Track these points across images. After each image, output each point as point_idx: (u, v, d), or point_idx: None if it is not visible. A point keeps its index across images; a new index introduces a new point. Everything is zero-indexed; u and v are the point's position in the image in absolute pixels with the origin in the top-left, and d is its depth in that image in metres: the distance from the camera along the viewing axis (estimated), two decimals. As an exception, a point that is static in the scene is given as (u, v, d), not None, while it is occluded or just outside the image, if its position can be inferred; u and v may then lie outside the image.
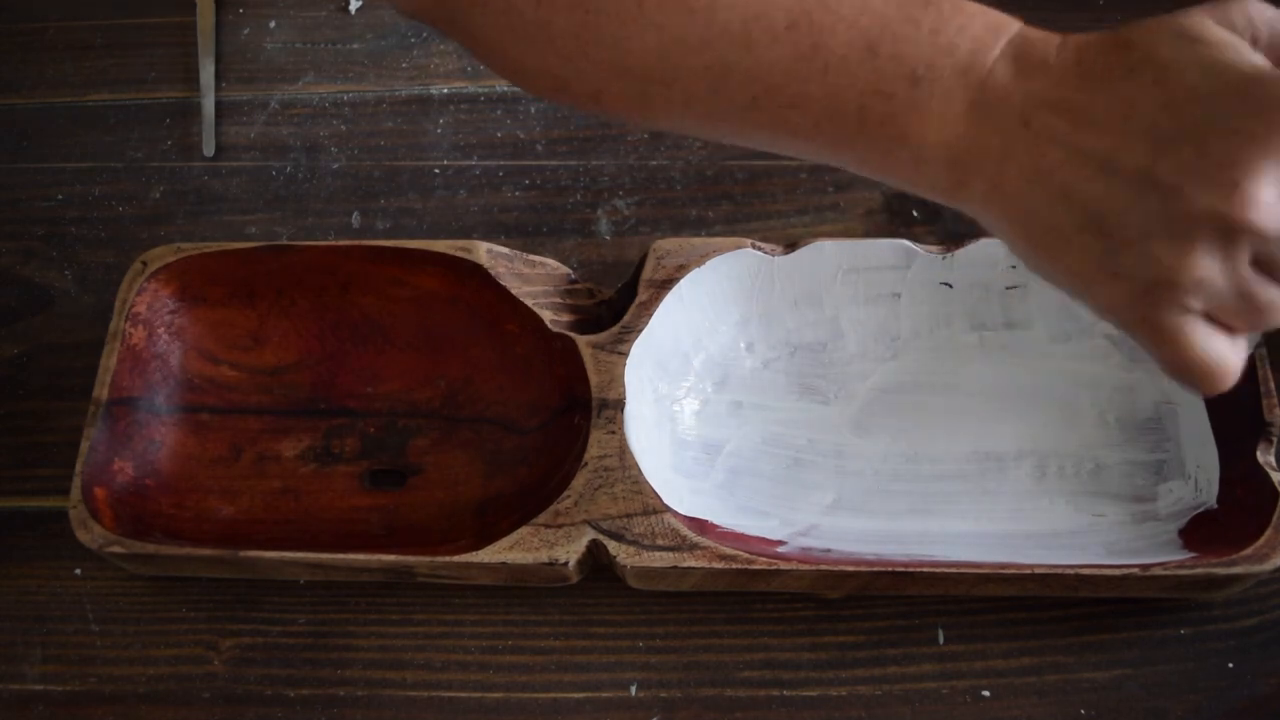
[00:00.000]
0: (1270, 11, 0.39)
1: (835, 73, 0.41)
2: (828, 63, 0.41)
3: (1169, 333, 0.39)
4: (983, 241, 0.59)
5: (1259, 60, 0.38)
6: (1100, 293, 0.40)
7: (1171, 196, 0.37)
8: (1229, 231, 0.37)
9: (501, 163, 0.71)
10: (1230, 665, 0.55)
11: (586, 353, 0.58)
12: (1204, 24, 0.38)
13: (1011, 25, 0.42)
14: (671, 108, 0.45)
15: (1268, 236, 0.37)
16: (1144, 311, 0.39)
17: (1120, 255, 0.38)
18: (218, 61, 0.76)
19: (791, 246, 0.60)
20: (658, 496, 0.55)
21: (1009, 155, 0.40)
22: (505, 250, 0.61)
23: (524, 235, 0.68)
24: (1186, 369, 0.40)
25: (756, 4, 0.42)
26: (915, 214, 0.67)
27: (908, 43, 0.41)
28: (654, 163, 0.70)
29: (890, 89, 0.41)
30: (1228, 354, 0.40)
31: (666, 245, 0.60)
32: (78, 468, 0.58)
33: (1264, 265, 0.38)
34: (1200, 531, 0.55)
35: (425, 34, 0.76)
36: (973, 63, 0.40)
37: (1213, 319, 0.40)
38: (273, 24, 0.77)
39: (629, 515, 0.55)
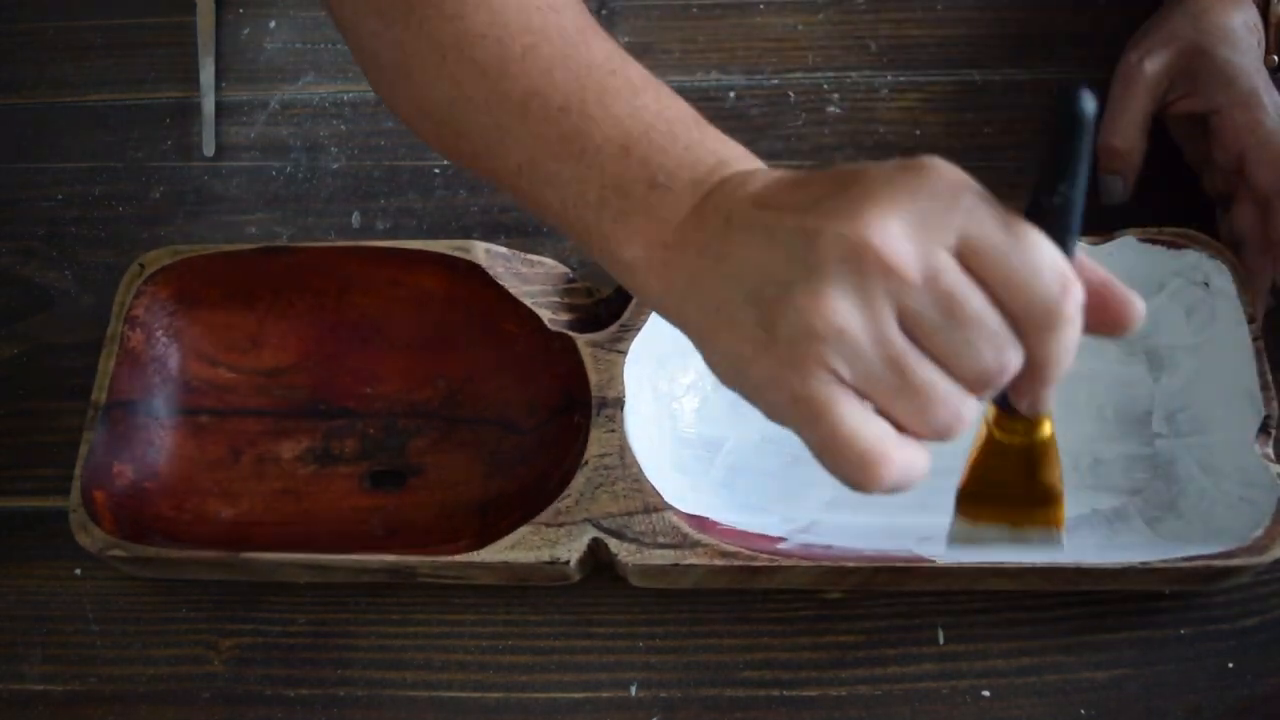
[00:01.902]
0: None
1: (588, 161, 0.43)
2: (584, 149, 0.43)
3: (816, 406, 0.37)
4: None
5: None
6: (755, 372, 0.38)
7: (813, 238, 0.36)
8: (858, 263, 0.35)
9: (501, 162, 0.71)
10: (1230, 665, 0.55)
11: (586, 351, 0.58)
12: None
13: (758, 163, 0.43)
14: (463, 158, 0.48)
15: (903, 279, 0.35)
16: (792, 383, 0.37)
17: (769, 317, 0.37)
18: (218, 61, 0.76)
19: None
20: (658, 494, 0.55)
21: (705, 249, 0.40)
22: (503, 250, 0.61)
23: (524, 235, 0.68)
24: (835, 451, 0.37)
25: (540, 81, 0.44)
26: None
27: (660, 152, 0.42)
28: (654, 162, 0.70)
29: (629, 189, 0.42)
30: (886, 443, 0.37)
31: (666, 244, 0.60)
32: (77, 471, 0.58)
33: (913, 329, 0.37)
34: (1199, 524, 0.55)
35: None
36: (707, 178, 0.41)
37: (872, 401, 0.37)
38: (273, 24, 0.77)
39: (630, 513, 0.55)
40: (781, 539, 0.57)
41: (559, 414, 0.60)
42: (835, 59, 0.73)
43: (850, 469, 0.37)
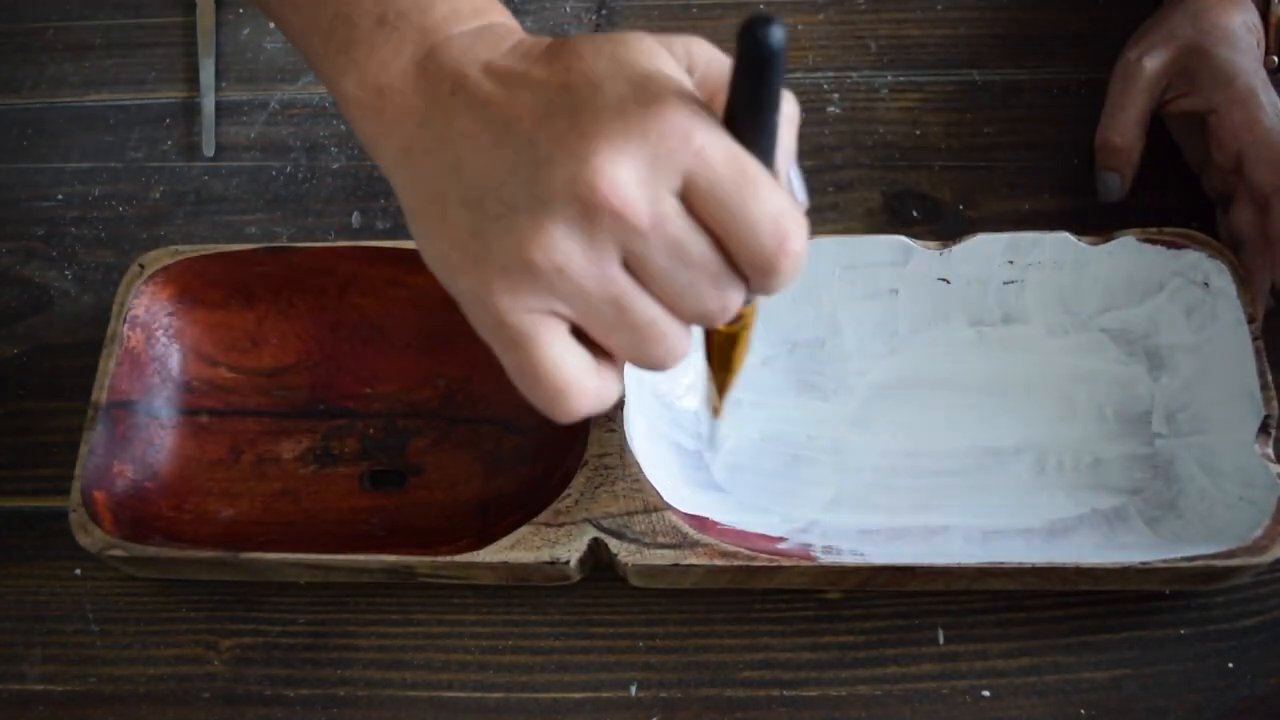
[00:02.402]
0: (710, 50, 0.39)
1: None
2: None
3: (520, 335, 0.37)
4: (980, 237, 0.60)
5: (671, 69, 0.37)
6: (463, 280, 0.37)
7: (543, 166, 0.35)
8: (586, 206, 0.35)
9: (501, 162, 0.71)
10: (1230, 665, 0.55)
11: (586, 352, 0.58)
12: (639, 35, 0.37)
13: (499, 16, 0.41)
14: None
15: (631, 226, 0.35)
16: (500, 305, 0.36)
17: (485, 232, 0.36)
18: (218, 61, 0.76)
19: (790, 245, 0.60)
20: (658, 494, 0.55)
21: (426, 119, 0.38)
22: (504, 250, 0.61)
23: (523, 235, 0.68)
24: (532, 379, 0.37)
25: None
26: (915, 213, 0.67)
27: None
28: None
29: (359, 21, 0.40)
30: (583, 376, 0.37)
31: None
32: (77, 471, 0.58)
33: (638, 270, 0.36)
34: (1199, 524, 0.55)
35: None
36: (438, 27, 0.40)
37: (584, 337, 0.38)
38: (273, 24, 0.77)
39: (630, 513, 0.55)
40: (781, 539, 0.57)
41: (559, 414, 0.60)
42: (835, 59, 0.73)
43: (545, 399, 0.38)
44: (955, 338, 0.61)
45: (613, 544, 0.54)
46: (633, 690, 0.56)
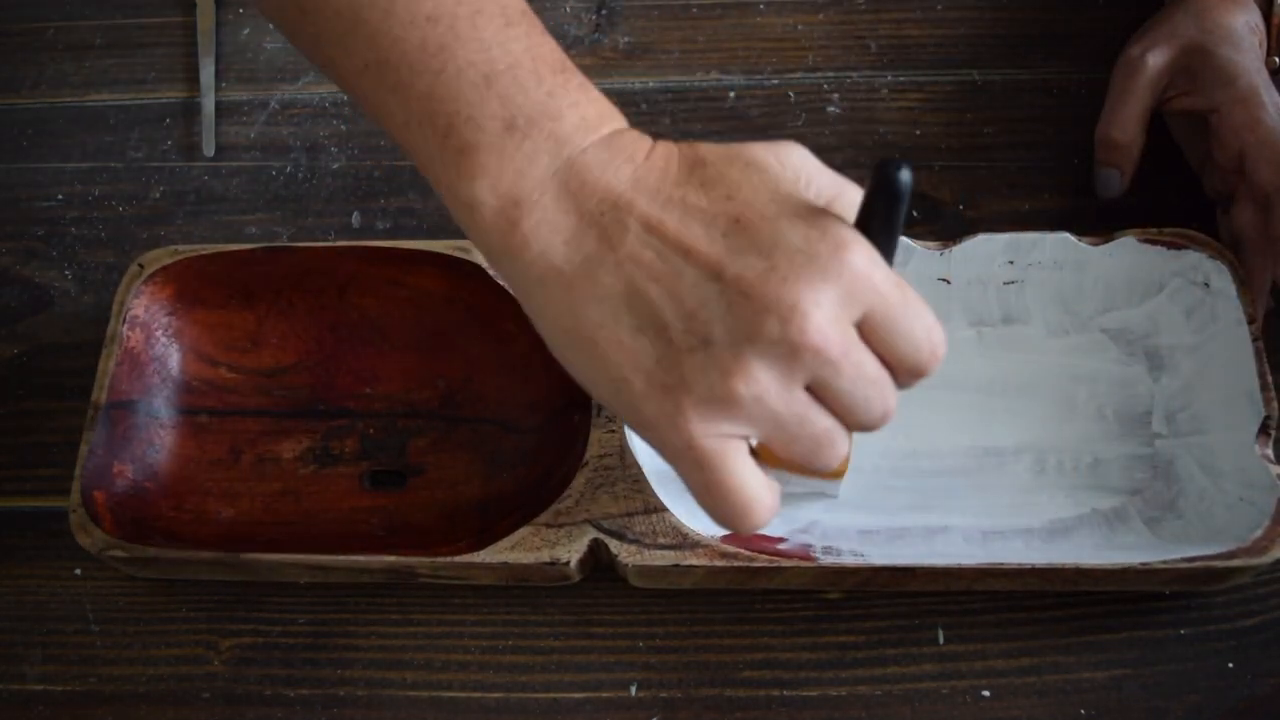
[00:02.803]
0: (810, 161, 0.41)
1: (445, 81, 0.41)
2: (445, 68, 0.41)
3: (712, 459, 0.38)
4: (980, 237, 0.60)
5: (813, 196, 0.40)
6: (645, 406, 0.39)
7: (739, 304, 0.37)
8: (793, 347, 0.37)
9: (501, 162, 0.71)
10: (1230, 665, 0.55)
11: (586, 352, 0.58)
12: (766, 158, 0.39)
13: (618, 121, 0.42)
14: (303, 37, 0.44)
15: (828, 360, 0.37)
16: (692, 431, 0.38)
17: (677, 363, 0.38)
18: (218, 61, 0.76)
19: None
20: (658, 495, 0.55)
21: (578, 238, 0.39)
22: (504, 250, 0.61)
23: (524, 235, 0.68)
24: (723, 503, 0.39)
25: None
26: (915, 214, 0.67)
27: (522, 92, 0.40)
28: (654, 162, 0.70)
29: (485, 124, 0.40)
30: (766, 494, 0.40)
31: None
32: (77, 471, 0.58)
33: (820, 390, 0.39)
34: (1199, 524, 0.55)
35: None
36: (571, 137, 0.40)
37: (757, 454, 0.40)
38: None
39: (630, 514, 0.55)
40: (781, 539, 0.57)
41: (559, 414, 0.60)
42: (835, 59, 0.73)
43: (731, 516, 0.40)
44: (955, 338, 0.61)
45: (613, 545, 0.54)
46: (633, 690, 0.56)
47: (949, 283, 0.61)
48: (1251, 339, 0.56)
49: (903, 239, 0.60)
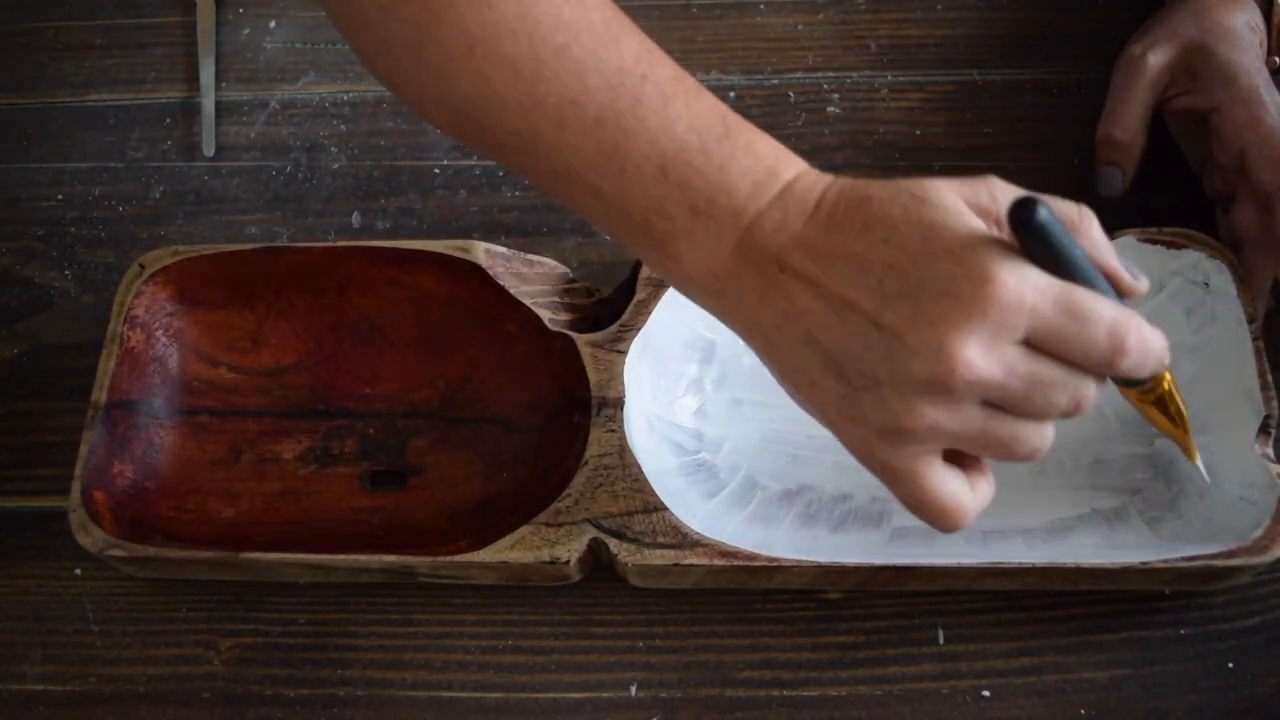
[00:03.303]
0: (1009, 190, 0.42)
1: (629, 180, 0.44)
2: (624, 168, 0.44)
3: (904, 474, 0.42)
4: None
5: (979, 223, 0.40)
6: (843, 433, 0.43)
7: (895, 348, 0.40)
8: (946, 385, 0.39)
9: (501, 162, 0.71)
10: (1230, 665, 0.55)
11: (585, 351, 0.58)
12: (938, 189, 0.41)
13: (789, 171, 0.44)
14: (485, 149, 0.47)
15: (986, 386, 0.40)
16: (882, 454, 0.42)
17: (857, 400, 0.41)
18: (218, 61, 0.76)
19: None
20: (658, 495, 0.55)
21: (765, 296, 0.43)
22: (503, 250, 0.61)
23: (524, 235, 0.68)
24: (923, 510, 0.43)
25: (575, 89, 0.44)
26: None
27: (696, 174, 0.43)
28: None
29: (673, 212, 0.43)
30: (962, 495, 0.43)
31: (665, 244, 0.60)
32: (77, 471, 0.58)
33: (998, 404, 0.41)
34: (1199, 524, 0.55)
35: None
36: (746, 206, 0.43)
37: (953, 456, 0.43)
38: (273, 24, 0.77)
39: (630, 513, 0.55)
40: (781, 539, 0.57)
41: (559, 414, 0.60)
42: (835, 59, 0.73)
43: (934, 519, 0.43)
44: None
45: (613, 544, 0.54)
46: (633, 690, 0.56)
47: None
48: (1251, 339, 0.56)
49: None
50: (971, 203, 0.41)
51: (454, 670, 0.57)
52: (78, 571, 0.61)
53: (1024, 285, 0.39)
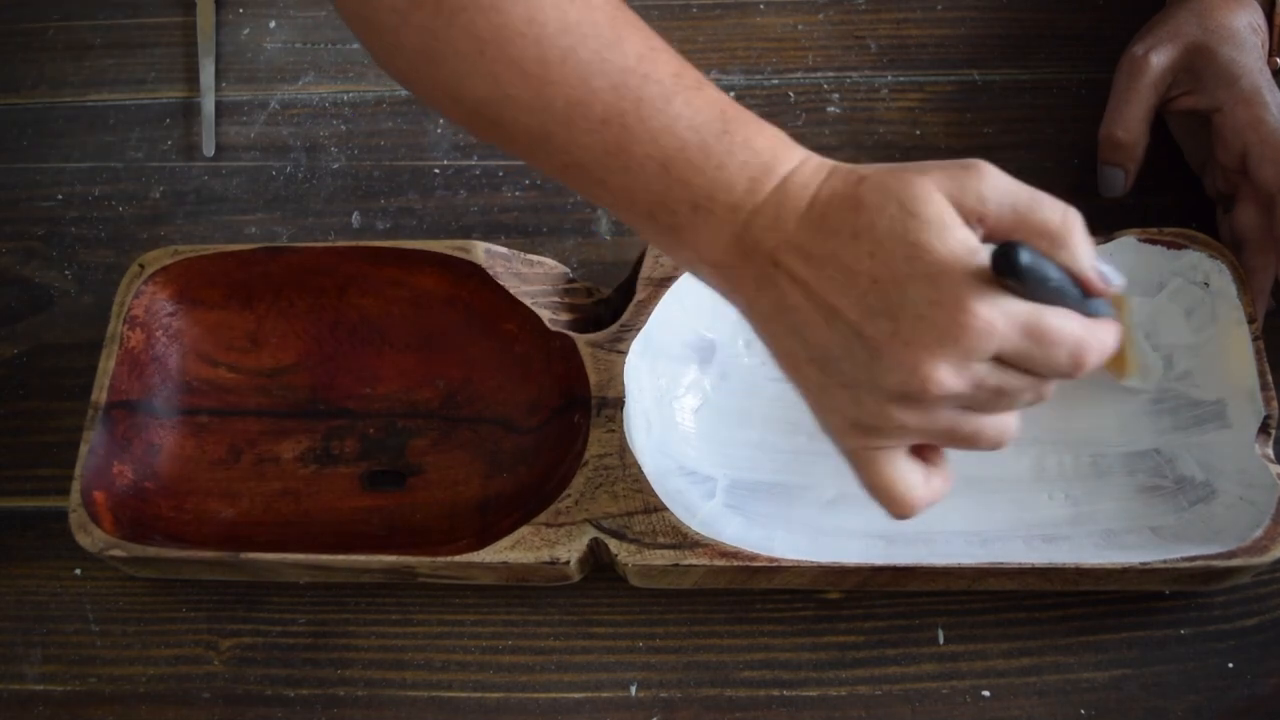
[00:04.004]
0: (1004, 184, 0.43)
1: (633, 176, 0.45)
2: (628, 165, 0.45)
3: (868, 463, 0.45)
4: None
5: (963, 239, 0.42)
6: (821, 417, 0.46)
7: (875, 358, 0.42)
8: (918, 398, 0.42)
9: (501, 163, 0.71)
10: (1230, 665, 0.55)
11: (585, 351, 0.58)
12: (926, 200, 0.42)
13: (785, 165, 0.45)
14: (499, 142, 0.49)
15: (956, 397, 0.42)
16: (851, 443, 0.45)
17: (836, 393, 0.44)
18: (218, 61, 0.76)
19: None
20: (658, 495, 0.55)
21: (761, 287, 0.45)
22: (503, 250, 0.61)
23: (524, 235, 0.68)
24: (879, 495, 0.45)
25: (581, 90, 0.45)
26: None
27: (696, 172, 0.45)
28: (654, 162, 0.70)
29: (674, 207, 0.45)
30: (917, 489, 0.45)
31: (665, 244, 0.60)
32: (77, 471, 0.58)
33: (964, 407, 0.44)
34: (1199, 524, 0.55)
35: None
36: (742, 203, 0.45)
37: (917, 447, 0.46)
38: (273, 24, 0.77)
39: (629, 513, 0.55)
40: (781, 539, 0.57)
41: (559, 414, 0.60)
42: (835, 59, 0.73)
43: (888, 506, 0.45)
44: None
45: (613, 544, 0.54)
46: (633, 690, 0.56)
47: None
48: (1251, 339, 0.56)
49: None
50: (958, 203, 0.42)
51: (454, 670, 0.57)
52: (78, 571, 0.61)
53: (994, 315, 0.41)
